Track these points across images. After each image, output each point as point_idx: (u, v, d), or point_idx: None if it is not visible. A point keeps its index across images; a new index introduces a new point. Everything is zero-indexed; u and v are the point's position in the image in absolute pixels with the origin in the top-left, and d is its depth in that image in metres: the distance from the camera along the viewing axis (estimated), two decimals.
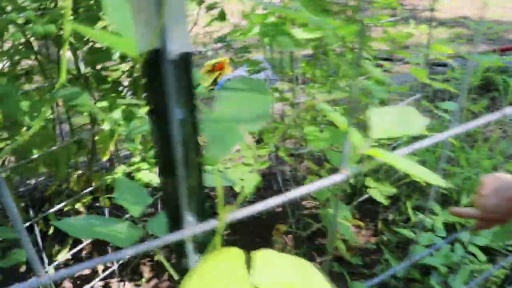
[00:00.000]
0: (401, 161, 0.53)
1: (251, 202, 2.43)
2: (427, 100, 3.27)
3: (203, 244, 0.46)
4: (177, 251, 0.48)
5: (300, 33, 0.96)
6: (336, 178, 0.51)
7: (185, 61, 0.35)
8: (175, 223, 0.43)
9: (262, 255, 0.42)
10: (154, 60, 0.34)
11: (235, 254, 0.40)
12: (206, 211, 0.48)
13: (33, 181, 2.33)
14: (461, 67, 3.86)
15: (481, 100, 3.30)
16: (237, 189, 1.56)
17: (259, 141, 2.37)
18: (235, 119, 0.42)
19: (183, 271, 0.48)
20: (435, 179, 0.54)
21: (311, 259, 1.95)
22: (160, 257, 0.58)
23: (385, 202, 1.81)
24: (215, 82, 4.30)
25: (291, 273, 0.44)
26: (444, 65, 4.00)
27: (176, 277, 0.57)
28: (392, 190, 1.84)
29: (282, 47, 0.97)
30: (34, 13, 1.00)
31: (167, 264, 0.57)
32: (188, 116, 0.37)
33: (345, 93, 1.46)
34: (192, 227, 0.40)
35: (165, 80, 0.33)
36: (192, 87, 0.37)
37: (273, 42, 0.97)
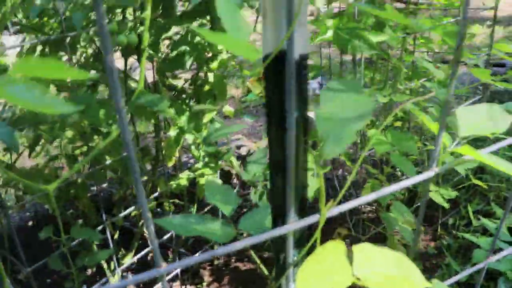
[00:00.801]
0: (491, 158, 0.54)
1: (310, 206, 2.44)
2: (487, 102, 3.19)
3: (298, 240, 0.49)
4: (274, 247, 0.51)
5: (375, 36, 0.97)
6: (425, 175, 0.53)
7: (304, 62, 0.38)
8: (279, 219, 0.46)
9: (361, 249, 0.44)
10: (276, 62, 0.36)
11: (338, 247, 0.43)
12: (306, 207, 0.51)
13: (95, 187, 2.44)
14: None
15: None
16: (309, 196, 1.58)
17: (313, 146, 2.38)
18: (343, 118, 0.45)
19: (277, 266, 0.51)
20: None
21: None
22: (252, 253, 0.61)
23: (446, 205, 1.78)
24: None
25: (389, 265, 0.47)
26: (503, 65, 3.88)
27: (266, 272, 0.60)
28: (453, 194, 1.81)
29: (357, 50, 0.99)
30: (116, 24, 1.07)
31: (258, 261, 0.60)
32: (301, 116, 0.40)
33: (406, 96, 1.45)
34: (296, 222, 0.43)
35: (288, 81, 0.36)
36: (306, 88, 0.40)
37: (347, 46, 0.99)
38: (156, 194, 1.61)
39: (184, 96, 1.58)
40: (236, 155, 2.73)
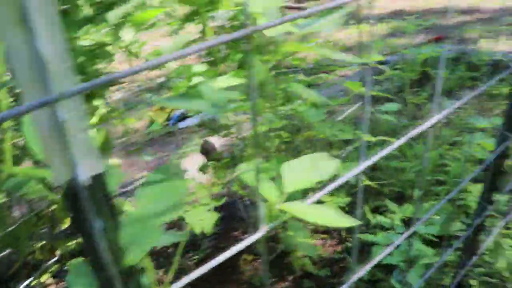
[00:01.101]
0: (311, 213, 0.62)
1: (216, 234, 2.49)
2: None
3: None
4: None
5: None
6: (254, 237, 0.59)
7: (99, 181, 0.42)
8: None
9: None
10: (71, 188, 0.41)
11: None
12: None
13: None
14: (402, 61, 4.05)
15: (422, 92, 3.48)
16: (197, 230, 1.63)
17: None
18: (153, 215, 0.49)
19: None
20: (344, 222, 0.63)
21: (280, 279, 2.03)
22: None
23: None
24: (168, 117, 4.36)
25: None
26: (385, 62, 4.18)
27: None
28: (345, 200, 1.94)
29: None
30: None
31: None
32: (109, 225, 0.45)
33: (284, 121, 1.56)
34: None
35: (82, 202, 0.40)
36: (110, 199, 0.44)
37: None
38: (55, 258, 1.58)
39: None
40: None
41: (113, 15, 0.79)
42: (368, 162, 0.68)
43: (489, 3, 7.06)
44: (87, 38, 0.85)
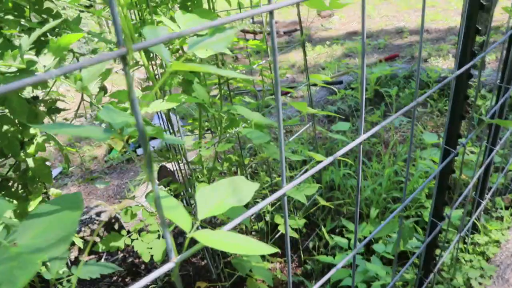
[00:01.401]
0: (225, 242, 0.57)
1: None
2: (321, 124, 3.43)
3: None
4: None
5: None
6: (165, 268, 0.53)
7: None
8: None
9: None
10: None
11: None
12: None
13: None
14: (355, 80, 4.10)
15: (376, 110, 3.52)
16: (145, 259, 1.55)
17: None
18: (35, 250, 0.43)
19: None
20: (262, 250, 0.59)
21: None
22: None
23: (297, 235, 1.87)
24: (127, 142, 4.27)
25: None
26: (340, 82, 4.23)
27: None
28: (301, 222, 1.91)
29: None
30: None
31: None
32: None
33: (228, 145, 1.51)
34: None
35: None
36: None
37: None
38: None
39: (10, 184, 1.49)
40: (97, 223, 2.61)
41: (25, 40, 0.74)
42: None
43: (435, 24, 7.33)
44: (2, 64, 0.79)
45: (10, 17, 1.24)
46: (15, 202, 1.53)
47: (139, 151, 4.07)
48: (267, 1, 0.44)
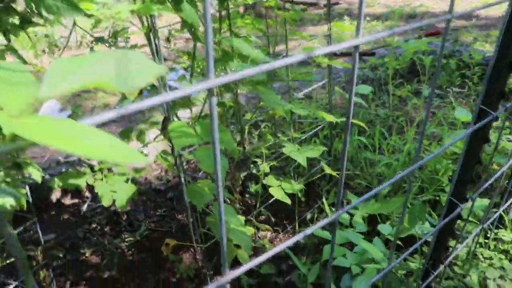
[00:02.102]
0: (62, 136, 0.31)
1: (159, 216, 2.19)
2: (340, 87, 3.13)
3: None
4: None
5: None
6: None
7: None
8: None
9: None
10: None
11: None
12: None
13: None
14: (391, 54, 3.76)
15: (407, 84, 3.20)
16: (105, 203, 1.32)
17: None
18: None
19: None
20: (126, 155, 0.33)
21: (216, 273, 1.74)
22: None
23: (288, 201, 1.62)
24: (141, 92, 4.07)
25: None
26: (373, 54, 3.90)
27: None
28: (297, 187, 1.65)
29: None
30: None
31: None
32: None
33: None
34: None
35: None
36: None
37: None
38: None
39: None
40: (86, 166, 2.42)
41: None
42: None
43: (488, 11, 6.82)
44: None
45: None
46: None
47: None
48: None
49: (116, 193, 1.35)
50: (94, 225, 2.17)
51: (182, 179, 1.47)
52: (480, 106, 1.01)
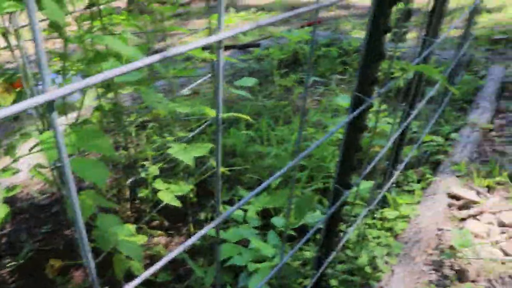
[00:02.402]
0: None
1: (44, 234, 2.00)
2: (227, 80, 3.12)
3: None
4: None
5: None
6: None
7: None
8: None
9: None
10: None
11: None
12: None
13: None
14: (275, 45, 3.81)
15: (292, 74, 3.26)
16: None
17: None
18: None
19: None
20: None
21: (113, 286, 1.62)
22: None
23: (178, 203, 1.55)
24: (14, 102, 3.73)
25: None
26: (257, 45, 3.92)
27: None
28: (186, 188, 1.59)
29: None
30: None
31: None
32: None
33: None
34: None
35: None
36: None
37: None
38: None
39: None
40: None
41: None
42: None
43: (364, 1, 7.25)
44: None
45: None
46: None
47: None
48: None
49: None
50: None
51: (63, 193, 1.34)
52: (355, 94, 1.02)
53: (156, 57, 0.41)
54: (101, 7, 1.41)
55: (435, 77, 1.09)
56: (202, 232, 0.65)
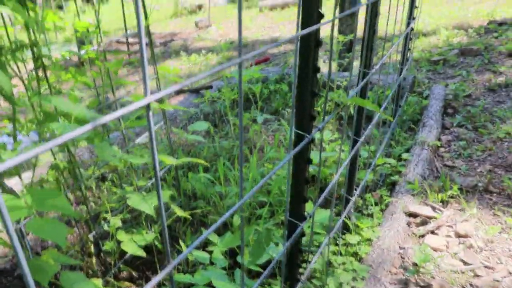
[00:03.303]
0: None
1: None
2: (182, 125, 3.16)
3: None
4: None
5: None
6: None
7: None
8: None
9: None
10: None
11: None
12: None
13: None
14: (227, 85, 3.89)
15: (245, 113, 3.33)
16: None
17: None
18: None
19: None
20: None
21: None
22: None
23: (142, 253, 1.56)
24: None
25: None
26: (210, 87, 4.00)
27: None
28: (149, 237, 1.60)
29: None
30: None
31: None
32: None
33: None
34: None
35: None
36: None
37: None
38: None
39: None
40: None
41: None
42: None
43: None
44: None
45: None
46: None
47: None
48: None
49: None
50: None
51: (21, 260, 1.32)
52: (295, 131, 1.08)
53: (87, 127, 0.44)
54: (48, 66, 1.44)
55: (369, 108, 1.16)
56: (153, 281, 0.67)
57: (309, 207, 1.71)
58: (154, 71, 1.90)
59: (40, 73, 1.43)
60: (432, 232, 2.00)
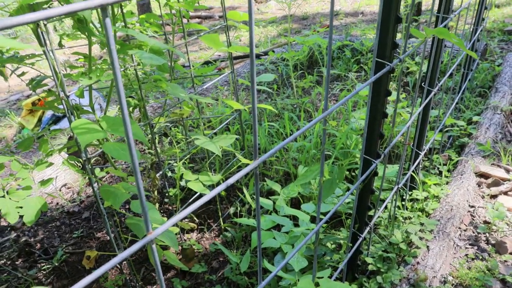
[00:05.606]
0: None
1: (77, 238, 2.04)
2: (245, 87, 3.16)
3: None
4: None
5: None
6: None
7: None
8: None
9: None
10: None
11: None
12: None
13: None
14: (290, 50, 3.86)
15: (309, 75, 3.29)
16: (10, 220, 1.20)
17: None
18: None
19: None
20: None
21: (148, 281, 1.64)
22: None
23: (208, 191, 1.58)
24: (39, 121, 3.84)
25: None
26: (266, 54, 3.98)
27: None
28: (216, 178, 1.61)
29: None
30: None
31: None
32: None
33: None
34: None
35: None
36: None
37: None
38: None
39: None
40: None
41: None
42: None
43: (369, 7, 7.33)
44: None
45: None
46: None
47: (54, 126, 3.64)
48: None
49: (22, 208, 1.23)
50: (3, 261, 1.97)
51: (94, 184, 1.37)
52: (376, 59, 1.04)
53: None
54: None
55: (453, 42, 1.10)
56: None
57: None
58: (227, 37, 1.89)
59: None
60: (505, 194, 1.91)
